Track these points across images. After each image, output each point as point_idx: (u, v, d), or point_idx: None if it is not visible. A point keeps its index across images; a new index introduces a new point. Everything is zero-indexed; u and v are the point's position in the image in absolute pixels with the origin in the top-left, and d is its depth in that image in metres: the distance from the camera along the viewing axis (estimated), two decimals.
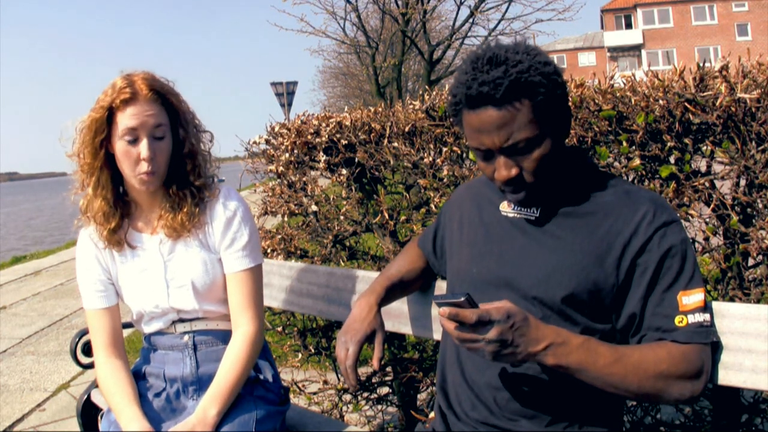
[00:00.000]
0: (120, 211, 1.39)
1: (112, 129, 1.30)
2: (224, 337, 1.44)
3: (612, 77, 1.64)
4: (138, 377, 1.45)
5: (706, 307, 1.00)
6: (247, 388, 1.41)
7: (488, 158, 1.03)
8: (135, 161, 1.31)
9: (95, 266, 1.43)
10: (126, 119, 1.28)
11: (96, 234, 1.41)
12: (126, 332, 1.63)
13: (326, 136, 2.28)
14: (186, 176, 1.39)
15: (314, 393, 2.50)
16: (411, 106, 2.05)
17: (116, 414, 1.33)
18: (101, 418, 1.96)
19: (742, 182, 1.44)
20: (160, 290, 1.41)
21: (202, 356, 1.43)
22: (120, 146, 1.30)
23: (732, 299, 1.48)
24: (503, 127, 0.97)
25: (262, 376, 1.47)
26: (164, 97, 1.33)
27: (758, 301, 1.45)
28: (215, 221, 1.40)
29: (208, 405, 1.30)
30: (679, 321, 0.98)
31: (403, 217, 2.14)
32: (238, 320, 1.40)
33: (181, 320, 1.44)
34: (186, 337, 1.43)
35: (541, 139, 0.99)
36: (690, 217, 1.48)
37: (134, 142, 1.30)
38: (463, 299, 0.90)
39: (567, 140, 1.07)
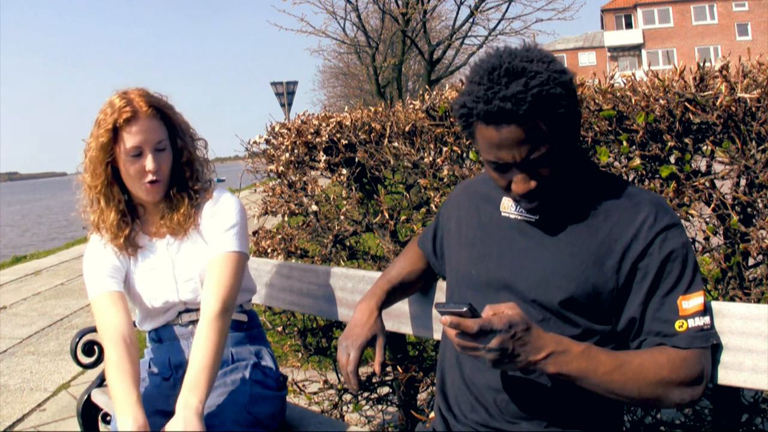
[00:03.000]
0: (130, 217, 1.49)
1: (117, 146, 1.39)
2: None
3: (612, 77, 1.64)
4: (144, 366, 1.55)
5: (705, 310, 1.00)
6: (243, 370, 1.47)
7: (503, 170, 1.01)
8: (141, 173, 1.41)
9: (107, 257, 1.48)
10: (131, 138, 1.38)
11: (107, 240, 1.47)
12: None
13: (326, 135, 2.28)
14: (185, 181, 1.49)
15: (314, 393, 2.50)
16: (411, 106, 2.05)
17: (114, 401, 1.29)
18: (101, 418, 1.96)
19: (743, 182, 1.43)
20: (170, 287, 1.49)
21: None
22: (126, 161, 1.40)
23: (732, 299, 1.48)
24: (524, 143, 0.95)
25: (263, 362, 1.54)
26: (162, 112, 1.43)
27: (758, 301, 1.45)
28: (206, 215, 1.49)
29: (188, 395, 1.25)
30: (680, 326, 0.98)
31: (403, 217, 2.14)
32: (203, 301, 1.38)
33: (187, 310, 1.51)
34: (191, 326, 1.52)
35: (559, 152, 0.97)
36: (690, 217, 1.48)
37: (139, 156, 1.40)
38: (465, 309, 0.89)
39: None
